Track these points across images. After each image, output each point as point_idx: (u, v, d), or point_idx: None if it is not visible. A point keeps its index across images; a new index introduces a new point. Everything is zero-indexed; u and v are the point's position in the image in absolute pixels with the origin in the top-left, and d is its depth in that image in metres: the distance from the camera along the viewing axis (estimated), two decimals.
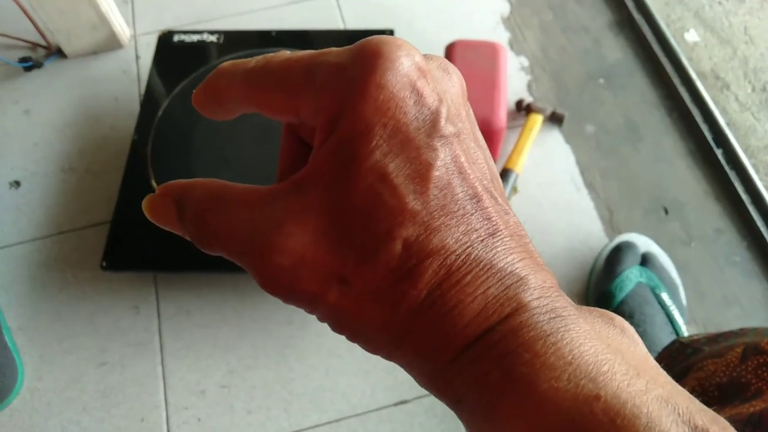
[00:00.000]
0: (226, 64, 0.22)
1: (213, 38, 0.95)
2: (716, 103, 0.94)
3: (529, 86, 0.98)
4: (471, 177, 0.19)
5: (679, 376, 0.47)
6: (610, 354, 0.17)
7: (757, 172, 0.87)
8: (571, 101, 0.96)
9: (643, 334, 0.68)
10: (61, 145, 0.97)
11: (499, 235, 0.19)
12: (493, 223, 0.19)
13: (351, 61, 0.19)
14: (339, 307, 0.19)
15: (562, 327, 0.17)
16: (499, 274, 0.18)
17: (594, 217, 0.86)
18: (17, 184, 0.93)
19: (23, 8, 0.97)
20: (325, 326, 0.20)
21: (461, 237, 0.18)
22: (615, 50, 1.01)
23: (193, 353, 0.79)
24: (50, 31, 1.00)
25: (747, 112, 0.95)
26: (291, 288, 0.19)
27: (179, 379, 0.78)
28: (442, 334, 0.18)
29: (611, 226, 0.85)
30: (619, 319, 0.19)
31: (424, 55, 0.20)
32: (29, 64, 1.02)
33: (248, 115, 0.23)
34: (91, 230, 0.89)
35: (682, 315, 0.74)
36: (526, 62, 1.01)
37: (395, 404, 0.75)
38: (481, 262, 0.18)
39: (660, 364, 0.54)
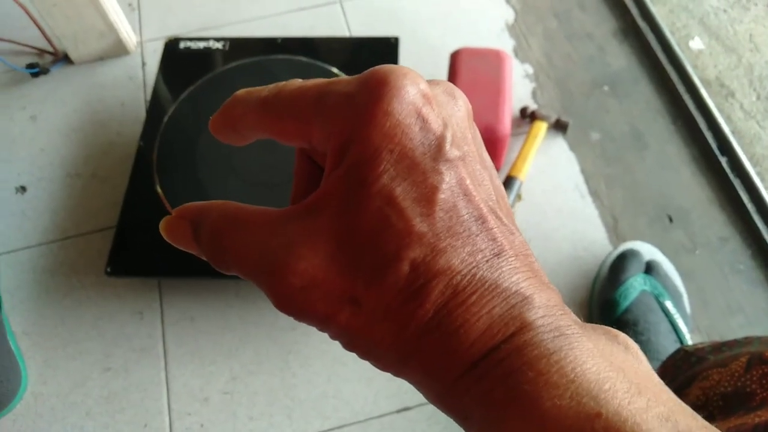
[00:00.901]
0: (241, 92, 0.23)
1: (219, 45, 0.96)
2: (721, 110, 0.94)
3: (534, 94, 0.98)
4: (476, 199, 0.20)
5: (683, 386, 0.47)
6: (612, 372, 0.17)
7: (762, 180, 0.87)
8: (575, 109, 0.96)
9: (646, 343, 0.68)
10: (67, 151, 0.97)
11: (504, 255, 0.19)
12: (498, 243, 0.19)
13: (359, 90, 0.20)
14: (350, 326, 0.19)
15: (565, 345, 0.18)
16: (504, 294, 0.18)
17: (598, 225, 0.86)
18: (23, 189, 0.94)
19: (31, 15, 0.98)
20: None
21: (467, 258, 0.19)
22: (620, 58, 1.01)
23: (196, 359, 0.79)
24: (57, 37, 1.01)
25: (752, 120, 0.95)
26: (303, 308, 0.19)
27: (183, 384, 0.78)
28: (449, 353, 0.18)
29: (616, 233, 0.85)
30: (623, 336, 0.20)
31: (430, 81, 0.21)
32: (36, 71, 1.03)
33: None
34: (96, 235, 0.89)
35: (686, 323, 0.73)
36: (530, 69, 1.01)
37: (398, 411, 0.75)
38: (486, 282, 0.19)
39: (664, 373, 0.53)
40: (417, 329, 0.19)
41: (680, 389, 0.47)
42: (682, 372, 0.48)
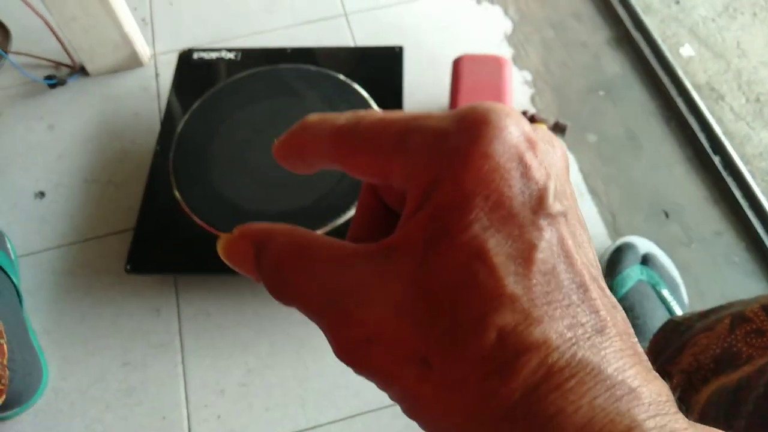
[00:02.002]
0: (313, 117, 0.21)
1: (231, 56, 1.00)
2: (712, 113, 0.98)
3: (533, 99, 1.03)
4: (578, 263, 0.17)
5: (675, 354, 0.49)
6: None
7: (754, 177, 0.91)
8: (572, 112, 1.00)
9: (642, 326, 0.71)
10: (83, 158, 1.01)
11: (608, 333, 0.17)
12: (602, 318, 0.17)
13: (455, 128, 0.18)
14: (415, 391, 0.17)
15: None
16: (608, 382, 0.16)
17: (597, 221, 0.89)
18: (42, 194, 0.97)
19: (51, 28, 1.02)
20: None
21: (565, 332, 0.16)
22: (614, 64, 1.06)
23: (212, 353, 0.82)
24: (74, 50, 1.05)
25: (742, 121, 0.99)
26: (365, 362, 0.18)
27: (199, 378, 0.81)
28: None
29: (614, 229, 0.88)
30: None
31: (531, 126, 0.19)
32: (54, 82, 1.07)
33: (267, 126, 0.23)
34: (112, 237, 0.92)
35: (684, 312, 0.76)
36: (529, 76, 1.05)
37: None
38: (588, 364, 0.16)
39: (656, 344, 0.56)
40: (499, 412, 0.16)
41: (672, 358, 0.50)
42: (672, 342, 0.51)
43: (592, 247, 0.19)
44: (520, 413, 0.15)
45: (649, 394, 0.16)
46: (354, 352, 0.18)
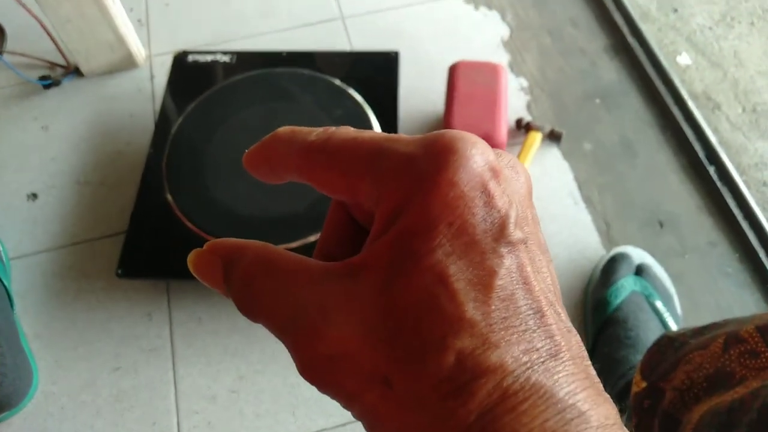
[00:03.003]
0: (284, 130, 0.21)
1: (226, 59, 1.00)
2: (708, 122, 0.98)
3: (529, 106, 1.02)
4: (536, 289, 0.18)
5: (669, 370, 0.49)
6: None
7: (749, 188, 0.91)
8: (568, 120, 1.00)
9: (635, 338, 0.70)
10: (77, 160, 1.00)
11: (561, 357, 0.17)
12: (556, 342, 0.17)
13: (422, 153, 0.18)
14: (377, 409, 0.17)
15: None
16: (559, 405, 0.16)
17: (592, 230, 0.89)
18: (34, 196, 0.97)
19: (46, 29, 1.02)
20: None
21: (521, 356, 0.17)
22: (610, 72, 1.06)
23: (204, 359, 0.82)
24: (69, 50, 1.05)
25: (738, 131, 0.99)
26: (329, 380, 0.18)
27: (190, 384, 0.80)
28: None
29: (608, 238, 0.88)
30: None
31: (494, 152, 0.20)
32: (48, 83, 1.06)
33: (262, 130, 0.23)
34: (105, 241, 0.92)
35: (677, 323, 0.76)
36: (525, 83, 1.05)
37: None
38: (541, 388, 0.16)
39: (650, 359, 0.56)
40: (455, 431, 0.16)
41: (666, 374, 0.50)
42: (666, 357, 0.51)
43: (552, 271, 0.20)
44: None
45: (597, 418, 0.17)
46: (317, 369, 0.18)
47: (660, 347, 0.52)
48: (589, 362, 0.18)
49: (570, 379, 0.17)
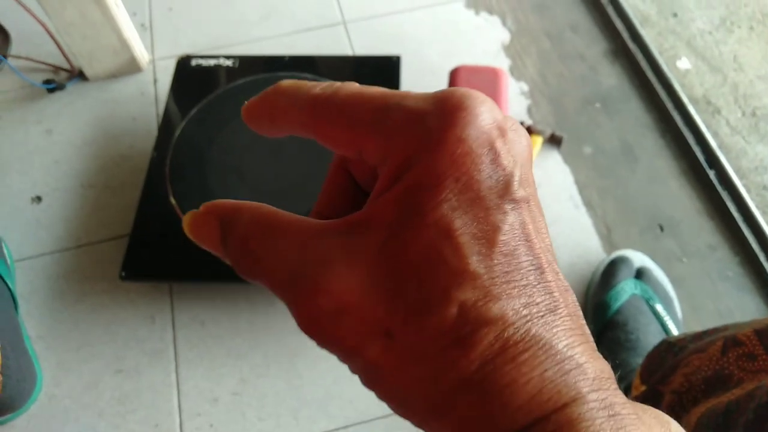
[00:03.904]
0: (287, 83, 0.21)
1: (229, 62, 1.00)
2: (708, 126, 0.98)
3: (529, 110, 1.03)
4: (537, 247, 0.18)
5: (668, 374, 0.50)
6: None
7: (749, 191, 0.91)
8: (569, 124, 1.01)
9: (635, 341, 0.71)
10: (81, 163, 1.01)
11: (560, 312, 0.18)
12: (555, 299, 0.18)
13: (432, 110, 0.18)
14: (379, 362, 0.18)
15: (621, 429, 0.16)
16: (557, 357, 0.17)
17: (592, 234, 0.89)
18: (39, 199, 0.97)
19: (50, 33, 1.02)
20: None
21: (521, 309, 0.17)
22: (611, 77, 1.06)
23: (206, 362, 0.82)
24: (74, 54, 1.06)
25: (738, 135, 1.00)
26: (329, 334, 0.18)
27: (193, 386, 0.81)
28: (489, 415, 0.16)
29: (609, 242, 0.89)
30: (675, 424, 0.19)
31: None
32: (52, 86, 1.07)
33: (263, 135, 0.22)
34: (108, 243, 0.92)
35: (678, 327, 0.77)
36: (525, 87, 1.05)
37: None
38: (540, 340, 0.17)
39: (650, 363, 0.56)
40: (457, 381, 0.17)
41: (664, 378, 0.50)
42: (666, 361, 0.51)
43: (548, 234, 0.20)
44: (476, 383, 0.17)
45: (593, 370, 0.17)
46: (318, 324, 0.18)
47: (660, 352, 0.52)
48: (584, 321, 0.19)
49: (568, 333, 0.17)
